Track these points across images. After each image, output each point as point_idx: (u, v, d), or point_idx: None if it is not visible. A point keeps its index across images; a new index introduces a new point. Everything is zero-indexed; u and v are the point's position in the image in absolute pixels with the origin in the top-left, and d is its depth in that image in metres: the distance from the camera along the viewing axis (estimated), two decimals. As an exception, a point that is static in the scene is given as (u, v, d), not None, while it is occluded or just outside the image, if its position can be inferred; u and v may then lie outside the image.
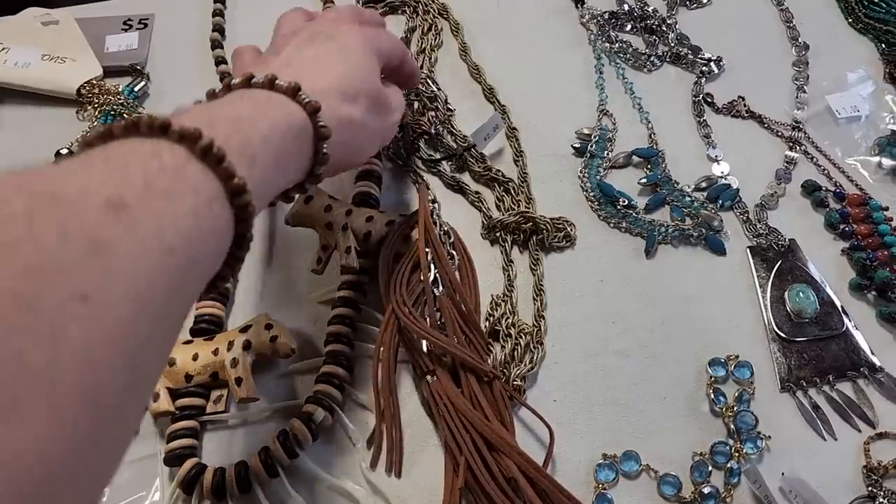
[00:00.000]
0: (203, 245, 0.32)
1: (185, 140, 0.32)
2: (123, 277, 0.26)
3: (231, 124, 0.37)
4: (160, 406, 0.54)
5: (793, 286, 0.58)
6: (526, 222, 0.61)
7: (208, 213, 0.32)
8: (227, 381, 0.55)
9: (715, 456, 0.52)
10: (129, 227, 0.27)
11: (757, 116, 0.68)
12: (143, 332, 0.27)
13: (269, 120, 0.40)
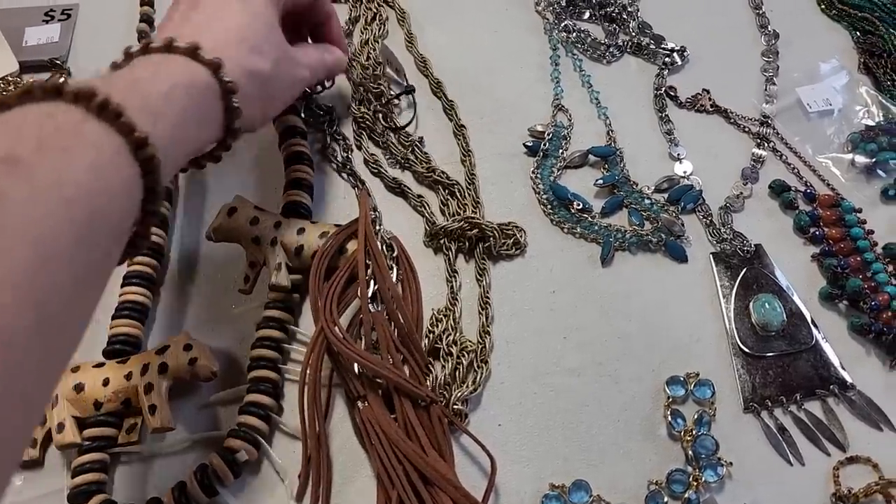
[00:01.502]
0: (109, 199, 0.33)
1: (80, 100, 0.34)
2: (20, 222, 0.28)
3: (128, 85, 0.38)
4: (65, 437, 0.49)
5: (758, 296, 0.53)
6: (471, 229, 0.56)
7: (111, 167, 0.34)
8: (141, 409, 0.50)
9: (672, 485, 0.48)
10: (23, 178, 0.29)
11: (723, 111, 0.63)
12: (51, 279, 0.29)
13: (169, 79, 0.40)
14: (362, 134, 0.63)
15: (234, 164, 0.63)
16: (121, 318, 0.54)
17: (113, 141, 0.34)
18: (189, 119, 0.41)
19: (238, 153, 0.63)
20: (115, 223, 0.34)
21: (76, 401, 0.50)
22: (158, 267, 0.57)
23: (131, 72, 0.41)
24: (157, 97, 0.39)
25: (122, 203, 0.35)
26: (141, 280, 0.56)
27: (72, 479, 0.49)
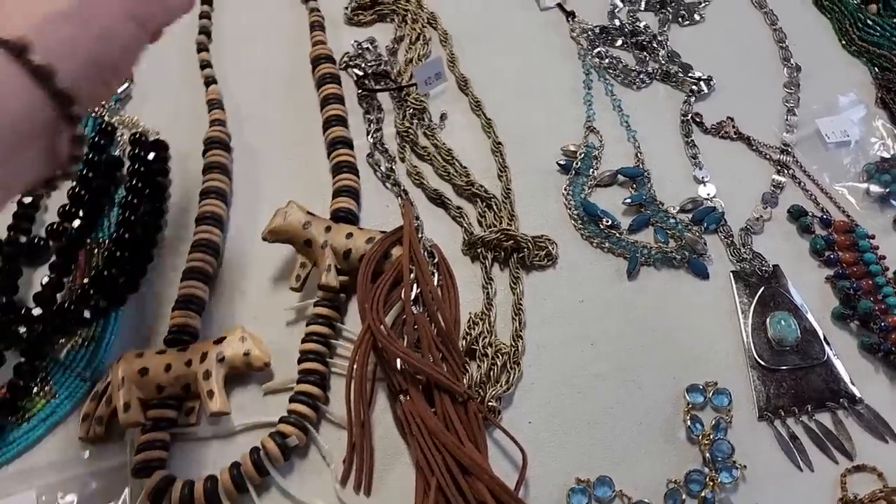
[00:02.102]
0: None
1: None
2: None
3: None
4: (131, 417, 0.53)
5: (774, 313, 0.57)
6: (507, 240, 0.60)
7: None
8: (200, 394, 0.54)
9: (689, 484, 0.52)
10: None
11: (745, 138, 0.67)
12: None
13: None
14: (405, 147, 0.68)
15: (286, 170, 0.67)
16: (180, 309, 0.59)
17: None
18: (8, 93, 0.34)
19: (288, 162, 0.68)
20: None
21: (141, 384, 0.54)
22: (215, 264, 0.61)
23: None
24: None
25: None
26: (199, 275, 0.60)
27: (135, 455, 0.53)
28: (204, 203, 0.63)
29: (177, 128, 0.69)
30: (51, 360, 0.57)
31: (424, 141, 0.68)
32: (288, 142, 0.69)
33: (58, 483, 0.53)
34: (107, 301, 0.59)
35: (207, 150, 0.66)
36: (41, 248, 0.62)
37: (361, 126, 0.69)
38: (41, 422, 0.56)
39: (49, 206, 0.66)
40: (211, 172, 0.65)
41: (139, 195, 0.64)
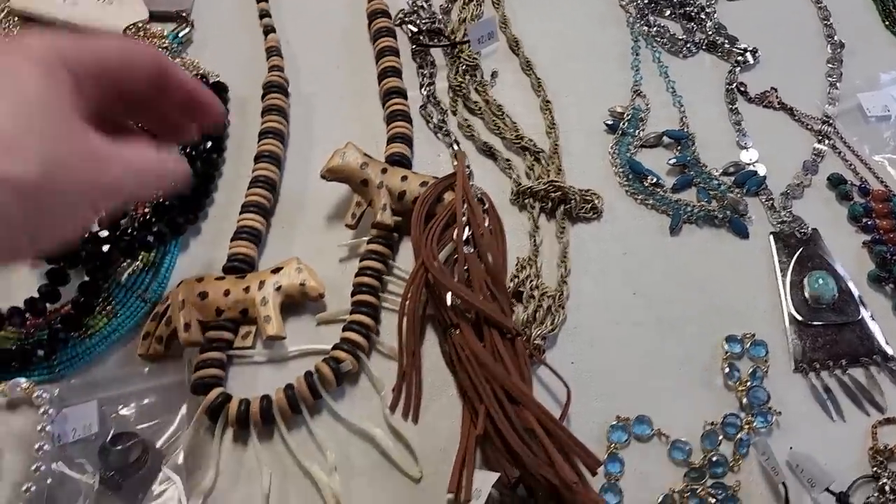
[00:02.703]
0: None
1: None
2: None
3: None
4: (191, 336, 0.55)
5: (812, 273, 0.59)
6: (555, 191, 0.62)
7: None
8: (257, 319, 0.56)
9: (726, 427, 0.54)
10: None
11: (788, 108, 0.69)
12: None
13: None
14: (457, 101, 0.70)
15: (341, 118, 0.69)
16: (239, 240, 0.61)
17: None
18: None
19: (343, 110, 0.70)
20: None
21: (200, 307, 0.56)
22: (272, 199, 0.64)
23: None
24: None
25: None
26: (257, 209, 0.62)
27: (194, 373, 0.55)
28: (263, 142, 0.65)
29: (235, 73, 0.71)
30: (113, 283, 0.60)
31: (475, 96, 0.70)
32: (344, 91, 0.71)
33: (117, 396, 0.56)
34: (167, 229, 0.61)
35: (266, 93, 0.68)
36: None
37: (414, 80, 0.71)
38: (103, 339, 0.58)
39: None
40: (269, 114, 0.67)
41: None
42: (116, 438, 0.53)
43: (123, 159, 0.39)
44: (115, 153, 0.38)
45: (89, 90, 0.39)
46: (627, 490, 0.52)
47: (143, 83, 0.42)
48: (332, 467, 0.52)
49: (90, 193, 0.37)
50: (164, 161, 0.43)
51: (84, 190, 0.37)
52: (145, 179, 0.41)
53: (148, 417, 0.55)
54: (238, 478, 0.53)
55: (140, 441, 0.53)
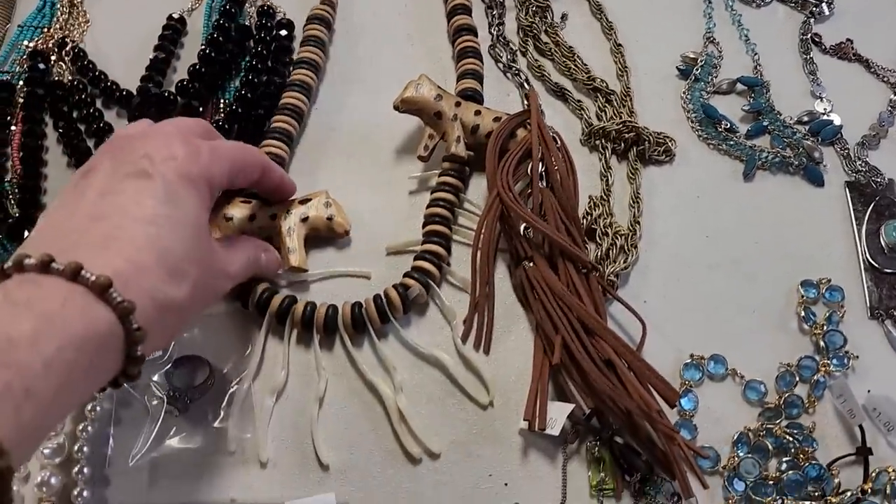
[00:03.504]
0: None
1: None
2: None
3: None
4: None
5: (890, 222, 0.58)
6: (629, 132, 0.62)
7: None
8: (280, 248, 0.56)
9: (801, 370, 0.53)
10: None
11: (864, 60, 0.67)
12: None
13: (60, 337, 0.32)
14: (528, 41, 0.69)
15: (408, 56, 0.68)
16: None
17: None
18: (72, 382, 0.32)
19: (412, 45, 0.69)
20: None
21: (224, 227, 0.55)
22: (297, 127, 0.63)
23: (6, 322, 0.31)
24: (37, 369, 0.30)
25: None
26: (280, 135, 0.62)
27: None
28: (296, 72, 0.65)
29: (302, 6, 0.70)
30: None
31: (546, 38, 0.69)
32: (413, 28, 0.70)
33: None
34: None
35: (307, 23, 0.68)
36: (170, 100, 0.64)
37: (483, 21, 0.70)
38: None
39: (178, 68, 0.68)
40: (307, 45, 0.66)
41: (263, 62, 0.66)
42: (182, 361, 0.53)
43: (232, 263, 0.47)
44: (226, 259, 0.46)
45: (212, 200, 0.45)
46: (702, 427, 0.52)
47: (250, 182, 0.50)
48: (400, 386, 0.52)
49: (209, 299, 0.45)
50: (256, 259, 0.51)
51: (205, 298, 0.43)
52: (244, 274, 0.49)
53: (214, 341, 0.55)
54: (308, 380, 0.53)
55: (205, 363, 0.53)
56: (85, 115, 0.63)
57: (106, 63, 0.67)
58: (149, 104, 0.63)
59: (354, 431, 0.52)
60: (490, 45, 0.69)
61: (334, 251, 0.59)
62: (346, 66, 0.68)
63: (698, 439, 0.51)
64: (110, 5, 0.72)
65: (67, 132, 0.63)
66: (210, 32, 0.67)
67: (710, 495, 0.49)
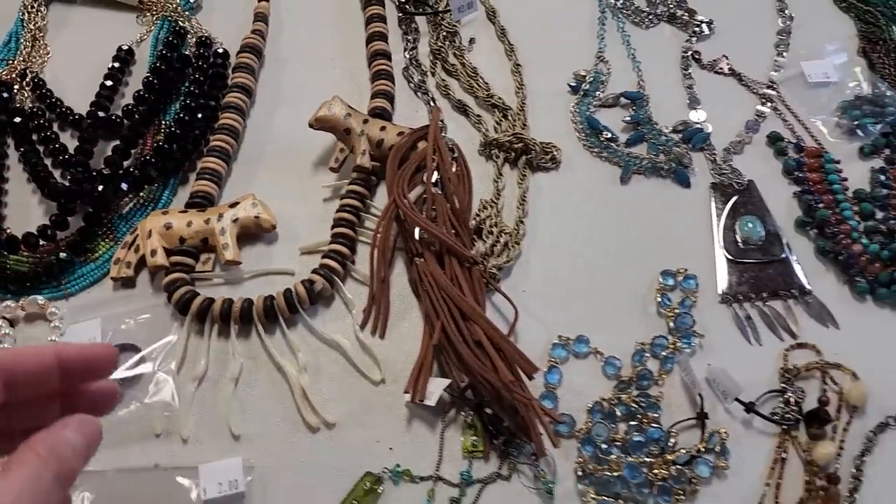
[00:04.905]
0: None
1: None
2: None
3: None
4: (157, 260, 0.64)
5: (743, 217, 0.66)
6: (518, 142, 0.70)
7: None
8: (216, 246, 0.65)
9: (654, 347, 0.61)
10: None
11: (737, 74, 0.75)
12: None
13: None
14: (437, 63, 0.77)
15: (332, 77, 0.77)
16: (201, 179, 0.69)
17: None
18: None
19: (334, 70, 0.78)
20: None
21: (165, 235, 0.65)
22: (234, 145, 0.72)
23: None
24: None
25: None
26: (219, 153, 0.70)
27: (174, 293, 0.63)
28: (229, 95, 0.74)
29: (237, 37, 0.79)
30: (116, 215, 0.69)
31: (454, 60, 0.77)
32: (335, 53, 0.79)
33: (118, 314, 0.64)
34: (165, 169, 0.69)
35: (240, 52, 0.77)
36: (116, 124, 0.73)
37: (399, 45, 0.79)
38: (105, 262, 0.66)
39: (126, 93, 0.77)
40: (239, 71, 0.75)
41: (201, 87, 0.74)
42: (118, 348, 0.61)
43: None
44: None
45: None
46: (563, 398, 0.59)
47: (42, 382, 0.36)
48: (303, 366, 0.60)
49: None
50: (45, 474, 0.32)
51: None
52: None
53: (144, 331, 0.63)
54: (226, 365, 0.61)
55: (137, 351, 0.62)
56: (43, 137, 0.72)
57: (63, 90, 0.76)
58: (97, 126, 0.72)
59: (264, 406, 0.60)
60: (404, 67, 0.77)
61: (263, 252, 0.68)
62: (274, 88, 0.77)
63: (559, 408, 0.59)
64: (69, 38, 0.82)
65: (27, 153, 0.71)
66: (154, 62, 0.76)
67: (567, 457, 0.57)
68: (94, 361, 0.37)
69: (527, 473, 0.56)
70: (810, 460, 0.56)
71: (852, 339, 0.61)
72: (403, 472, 0.56)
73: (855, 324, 0.62)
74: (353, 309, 0.63)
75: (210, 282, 0.65)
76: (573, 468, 0.56)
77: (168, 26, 0.80)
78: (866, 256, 0.63)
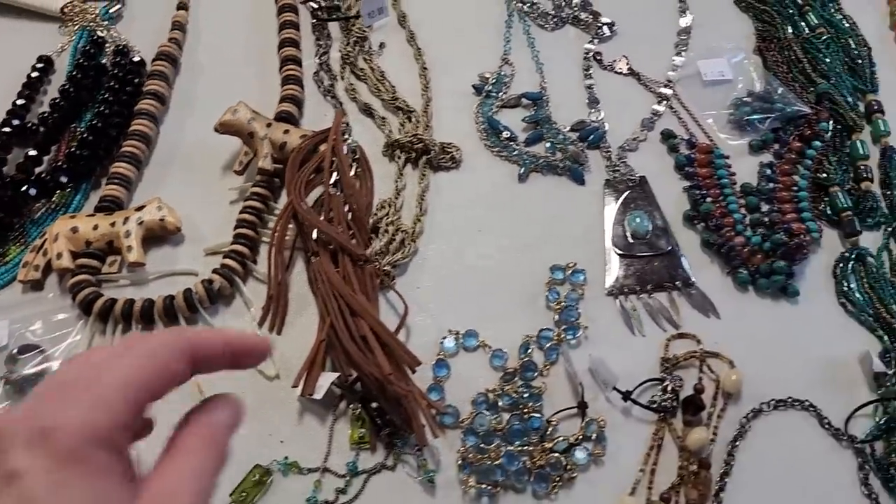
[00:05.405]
0: None
1: None
2: None
3: None
4: (62, 263, 0.66)
5: (632, 212, 0.68)
6: (418, 143, 0.72)
7: None
8: (121, 249, 0.66)
9: (541, 339, 0.63)
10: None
11: (636, 74, 0.77)
12: None
13: None
14: (346, 68, 0.79)
15: (245, 82, 0.79)
16: (111, 184, 0.71)
17: None
18: None
19: (248, 75, 0.80)
20: None
21: (72, 239, 0.66)
22: (146, 150, 0.74)
23: None
24: None
25: None
26: (130, 158, 0.72)
27: (78, 294, 0.65)
28: (142, 102, 0.76)
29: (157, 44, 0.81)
30: (28, 220, 0.70)
31: (363, 64, 0.79)
32: (250, 59, 0.81)
33: (26, 316, 0.66)
34: (77, 174, 0.71)
35: (154, 59, 0.79)
36: (32, 131, 0.75)
37: (313, 50, 0.81)
38: (15, 266, 0.68)
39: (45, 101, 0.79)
40: (152, 78, 0.77)
41: (116, 95, 0.76)
42: (23, 349, 0.63)
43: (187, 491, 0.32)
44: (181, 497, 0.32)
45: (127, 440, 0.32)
46: (451, 390, 0.61)
47: (176, 381, 0.35)
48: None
49: None
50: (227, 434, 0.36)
51: None
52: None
53: (53, 332, 0.65)
54: None
55: (42, 351, 0.63)
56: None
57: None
58: (12, 135, 0.74)
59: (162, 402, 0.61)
60: (314, 72, 0.79)
61: (170, 253, 0.69)
62: (189, 95, 0.79)
63: (446, 400, 0.61)
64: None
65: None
66: (71, 70, 0.78)
67: (452, 447, 0.59)
68: (252, 350, 0.38)
69: (411, 463, 0.58)
70: (684, 446, 0.58)
71: (733, 329, 0.63)
72: (292, 465, 0.58)
73: (736, 314, 0.64)
74: (251, 307, 0.65)
75: (116, 283, 0.67)
76: (455, 458, 0.58)
77: (87, 35, 0.82)
78: (749, 248, 0.65)
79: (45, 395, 0.31)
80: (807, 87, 0.74)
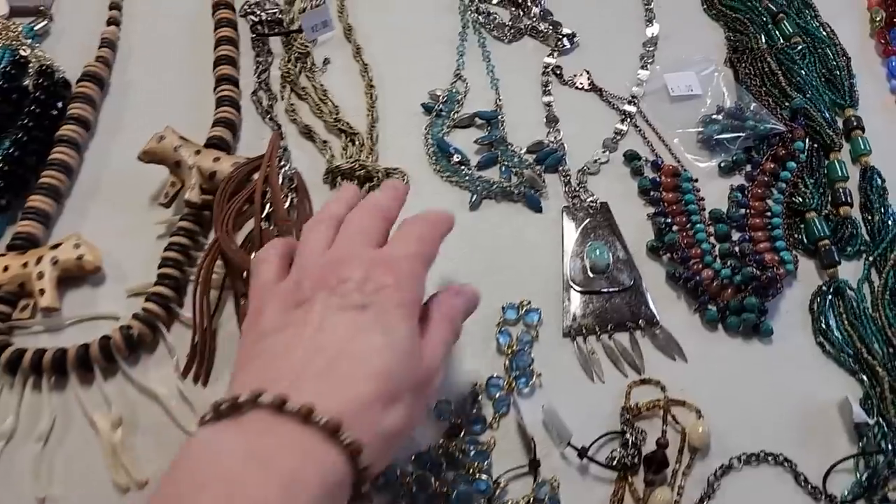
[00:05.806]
0: None
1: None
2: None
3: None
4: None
5: (592, 243, 0.63)
6: (360, 170, 0.66)
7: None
8: (33, 292, 0.60)
9: (490, 388, 0.57)
10: None
11: (598, 90, 0.72)
12: None
13: (302, 500, 0.35)
14: (286, 87, 0.73)
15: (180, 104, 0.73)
16: (26, 219, 0.65)
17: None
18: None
19: (182, 96, 0.74)
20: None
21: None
22: (67, 181, 0.68)
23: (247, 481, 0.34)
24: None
25: None
26: (47, 191, 0.66)
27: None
28: (64, 127, 0.70)
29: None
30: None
31: (305, 82, 0.74)
32: (185, 79, 0.75)
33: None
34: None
35: (79, 80, 0.73)
36: (-55, 161, 0.69)
37: (252, 68, 0.75)
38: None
39: (-40, 128, 0.73)
40: (76, 101, 0.71)
41: (36, 120, 0.70)
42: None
43: (438, 360, 0.45)
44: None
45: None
46: (393, 448, 0.56)
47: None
48: (117, 421, 0.56)
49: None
50: (458, 329, 0.50)
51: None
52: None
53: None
54: (38, 422, 0.57)
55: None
56: None
57: None
58: (-78, 164, 0.68)
59: (75, 466, 0.56)
60: (252, 91, 0.73)
61: (90, 295, 0.64)
62: (117, 118, 0.73)
63: (385, 458, 0.55)
64: None
65: None
66: (-11, 95, 0.72)
67: (390, 512, 0.53)
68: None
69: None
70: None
71: (700, 373, 0.58)
72: None
73: (703, 356, 0.59)
74: (174, 356, 0.60)
75: (29, 330, 0.62)
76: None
77: (9, 55, 0.76)
78: (717, 282, 0.60)
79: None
80: (781, 101, 0.69)
